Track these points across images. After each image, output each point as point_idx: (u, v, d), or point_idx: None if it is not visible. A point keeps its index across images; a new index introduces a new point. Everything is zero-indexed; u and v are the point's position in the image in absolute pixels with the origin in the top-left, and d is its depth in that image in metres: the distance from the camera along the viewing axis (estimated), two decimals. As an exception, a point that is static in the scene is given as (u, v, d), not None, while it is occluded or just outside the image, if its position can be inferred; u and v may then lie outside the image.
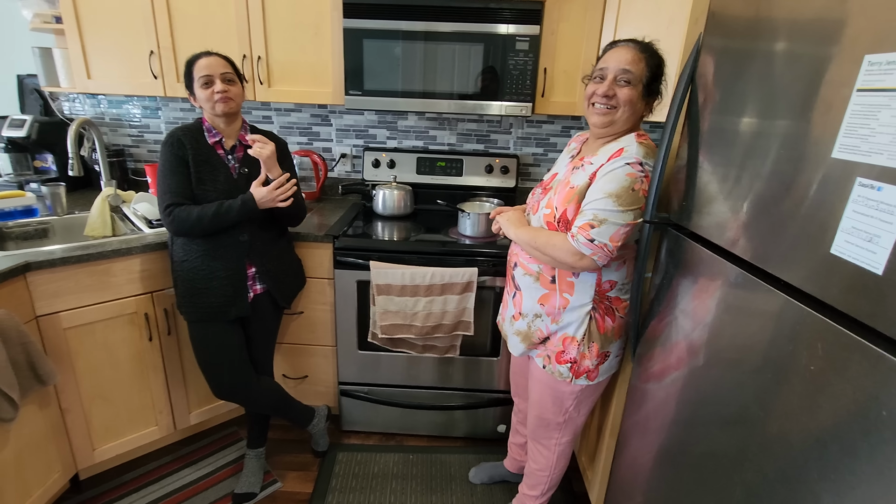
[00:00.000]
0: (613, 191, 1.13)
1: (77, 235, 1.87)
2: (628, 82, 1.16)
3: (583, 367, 1.29)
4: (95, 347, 1.62)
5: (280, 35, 1.91)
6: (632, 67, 1.15)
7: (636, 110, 1.19)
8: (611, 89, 1.17)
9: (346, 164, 2.43)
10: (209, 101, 1.44)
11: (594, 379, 1.32)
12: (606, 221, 1.13)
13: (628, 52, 1.16)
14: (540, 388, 1.40)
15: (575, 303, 1.26)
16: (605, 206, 1.13)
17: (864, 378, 0.62)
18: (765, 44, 0.85)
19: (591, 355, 1.28)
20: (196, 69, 1.44)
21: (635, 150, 1.16)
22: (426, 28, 1.81)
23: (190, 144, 1.46)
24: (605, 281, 1.25)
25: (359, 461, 1.93)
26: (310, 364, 2.02)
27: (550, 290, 1.29)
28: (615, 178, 1.13)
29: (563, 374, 1.31)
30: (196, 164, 1.46)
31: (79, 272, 1.53)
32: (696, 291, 1.04)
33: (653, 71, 1.16)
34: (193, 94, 1.48)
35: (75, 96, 2.37)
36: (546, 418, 1.42)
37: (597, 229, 1.13)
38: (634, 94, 1.17)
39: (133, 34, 1.91)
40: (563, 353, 1.30)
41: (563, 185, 1.25)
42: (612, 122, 1.20)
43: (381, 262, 1.77)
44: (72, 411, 1.61)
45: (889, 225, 0.59)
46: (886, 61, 0.61)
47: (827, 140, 0.70)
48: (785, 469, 0.76)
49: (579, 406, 1.39)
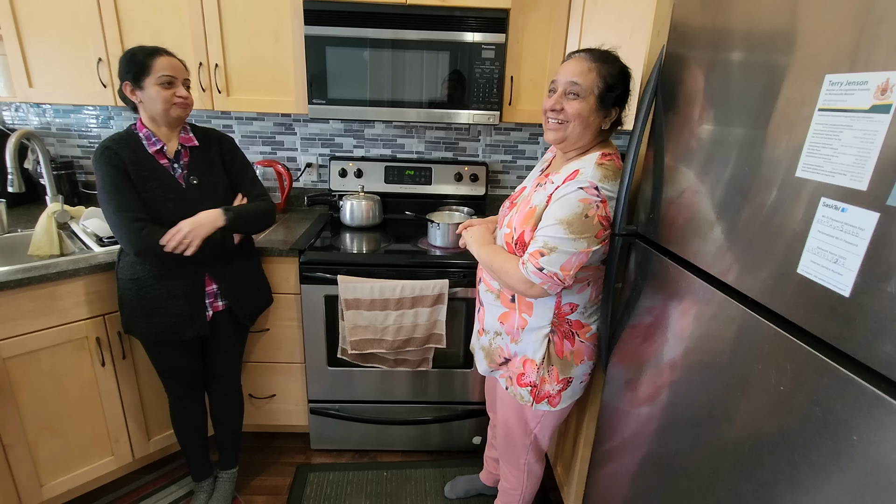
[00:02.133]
0: (564, 217, 1.07)
1: (21, 256, 1.75)
2: (577, 95, 1.10)
3: (543, 391, 1.26)
4: (41, 377, 1.51)
5: (238, 42, 1.84)
6: (579, 80, 1.10)
7: (589, 123, 1.13)
8: (558, 103, 1.13)
9: (311, 174, 2.36)
10: (166, 102, 1.32)
11: (556, 405, 1.28)
12: (557, 250, 1.07)
13: (578, 64, 1.11)
14: (505, 409, 1.38)
15: (533, 324, 1.22)
16: (556, 234, 1.07)
17: (833, 401, 0.62)
18: (726, 56, 0.85)
19: (552, 380, 1.25)
20: (157, 65, 1.30)
21: (591, 172, 1.10)
22: (393, 36, 1.77)
23: (129, 159, 1.31)
24: (564, 303, 1.21)
25: (331, 481, 1.87)
26: (277, 383, 1.94)
27: (510, 309, 1.26)
28: (567, 203, 1.08)
29: (524, 398, 1.29)
30: (141, 181, 1.32)
31: (20, 297, 1.42)
32: (665, 305, 1.03)
33: (607, 80, 1.10)
34: (140, 89, 1.31)
35: (18, 105, 2.22)
36: (512, 438, 1.40)
37: (546, 257, 1.08)
38: (585, 108, 1.11)
39: (79, 41, 1.80)
40: (524, 375, 1.27)
41: (525, 204, 1.21)
42: (564, 137, 1.15)
43: (350, 276, 1.72)
44: (15, 447, 1.49)
45: (854, 247, 0.59)
46: (847, 81, 0.60)
47: (790, 158, 0.69)
48: (757, 488, 0.75)
49: (542, 430, 1.36)
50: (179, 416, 1.62)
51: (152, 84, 1.31)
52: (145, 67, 1.30)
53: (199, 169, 1.42)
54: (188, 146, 1.42)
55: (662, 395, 1.04)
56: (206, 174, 1.42)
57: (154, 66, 1.30)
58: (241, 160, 1.53)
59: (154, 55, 1.31)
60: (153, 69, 1.30)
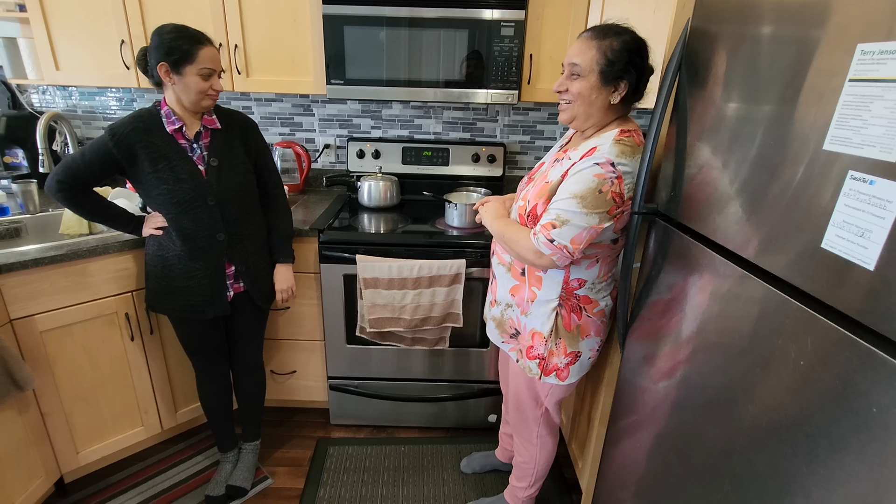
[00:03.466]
0: (578, 192, 1.08)
1: (52, 234, 1.81)
2: (577, 75, 1.12)
3: (551, 364, 1.28)
4: (75, 349, 1.58)
5: (257, 23, 1.85)
6: (577, 59, 1.11)
7: (593, 101, 1.13)
8: (562, 85, 1.15)
9: (329, 155, 2.38)
10: (200, 93, 1.32)
11: (565, 379, 1.30)
12: (568, 223, 1.09)
13: (578, 44, 1.13)
14: (516, 381, 1.41)
15: (542, 297, 1.25)
16: (569, 207, 1.09)
17: (853, 374, 0.62)
18: (753, 29, 0.83)
19: (559, 352, 1.27)
20: (201, 56, 1.30)
21: (608, 149, 1.10)
22: (410, 14, 1.76)
23: (141, 140, 1.32)
24: (573, 279, 1.22)
25: (350, 455, 1.92)
26: (298, 359, 2.00)
27: (520, 282, 1.28)
28: (582, 178, 1.09)
29: (533, 371, 1.31)
30: (152, 163, 1.34)
31: (54, 273, 1.48)
32: (685, 283, 1.03)
33: (607, 56, 1.09)
34: (177, 74, 1.30)
35: (45, 88, 2.28)
36: (524, 411, 1.43)
37: (558, 230, 1.09)
38: (586, 86, 1.11)
39: (103, 23, 1.83)
40: (532, 348, 1.30)
41: (542, 178, 1.22)
42: (573, 116, 1.17)
43: (368, 256, 1.74)
44: (53, 415, 1.57)
45: (881, 220, 0.58)
46: (879, 50, 0.59)
47: (818, 131, 0.68)
48: (774, 461, 0.76)
49: (550, 402, 1.39)
50: (205, 390, 1.68)
51: (192, 73, 1.30)
52: (189, 56, 1.29)
53: (220, 151, 1.43)
54: (210, 128, 1.42)
55: (680, 372, 1.04)
56: (226, 156, 1.43)
57: (198, 57, 1.29)
58: (262, 146, 1.54)
59: (199, 44, 1.30)
60: (197, 59, 1.29)
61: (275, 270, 1.61)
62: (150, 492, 1.72)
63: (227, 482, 1.72)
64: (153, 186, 1.36)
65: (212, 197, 1.40)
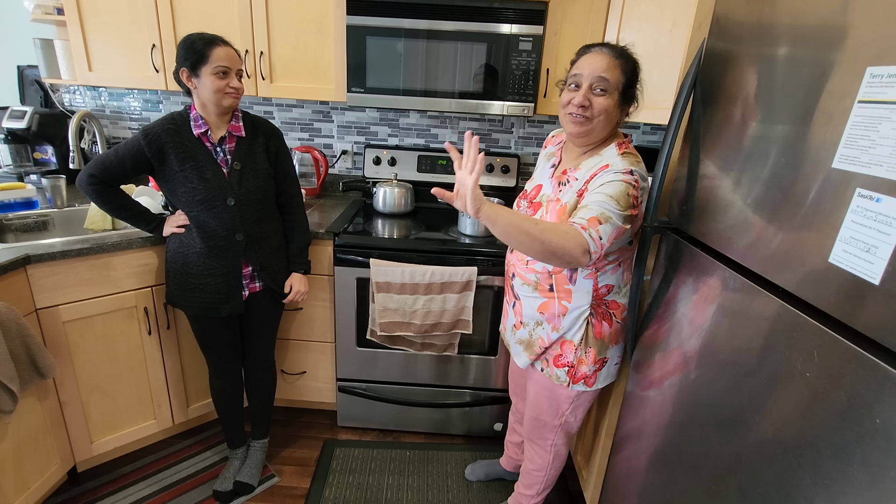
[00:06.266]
0: (614, 194, 1.10)
1: (77, 228, 1.87)
2: (605, 91, 1.12)
3: (580, 372, 1.29)
4: (95, 341, 1.62)
5: (283, 31, 1.91)
6: (608, 75, 1.11)
7: (611, 119, 1.17)
8: (586, 99, 1.13)
9: (346, 161, 2.43)
10: (219, 92, 1.37)
11: (592, 385, 1.32)
12: (610, 220, 1.08)
13: (603, 59, 1.12)
14: (537, 390, 1.40)
15: (574, 308, 1.25)
16: (610, 207, 1.08)
17: (858, 386, 0.63)
18: (768, 50, 0.86)
19: (589, 361, 1.28)
20: (214, 55, 1.35)
21: (619, 162, 1.15)
22: (429, 27, 1.81)
23: (171, 141, 1.39)
24: (601, 286, 1.24)
25: (356, 457, 1.94)
26: (308, 360, 2.03)
27: (549, 298, 1.28)
28: (613, 184, 1.11)
29: (561, 378, 1.32)
30: (180, 162, 1.40)
31: (79, 265, 1.53)
32: (695, 296, 1.05)
33: (628, 77, 1.14)
34: (196, 77, 1.37)
35: (75, 88, 2.36)
36: (542, 420, 1.43)
37: (603, 226, 1.07)
38: (611, 103, 1.13)
39: (135, 27, 1.90)
40: (561, 356, 1.30)
41: (554, 203, 1.23)
42: (588, 131, 1.17)
43: (381, 260, 1.77)
44: (70, 404, 1.62)
45: (887, 236, 0.60)
46: (888, 74, 0.61)
47: (828, 149, 0.71)
48: (779, 473, 0.77)
49: (575, 410, 1.39)
50: (217, 387, 1.71)
51: (208, 73, 1.36)
52: (203, 57, 1.35)
53: (243, 155, 1.48)
54: (235, 135, 1.47)
55: (687, 383, 1.06)
56: (249, 161, 1.48)
57: (212, 57, 1.35)
58: (284, 155, 1.59)
59: (212, 45, 1.36)
60: (210, 59, 1.35)
61: (290, 276, 1.66)
62: (159, 484, 1.75)
63: (235, 478, 1.75)
64: (179, 184, 1.42)
65: (232, 198, 1.44)
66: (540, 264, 1.27)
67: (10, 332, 1.33)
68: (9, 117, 2.08)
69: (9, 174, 2.12)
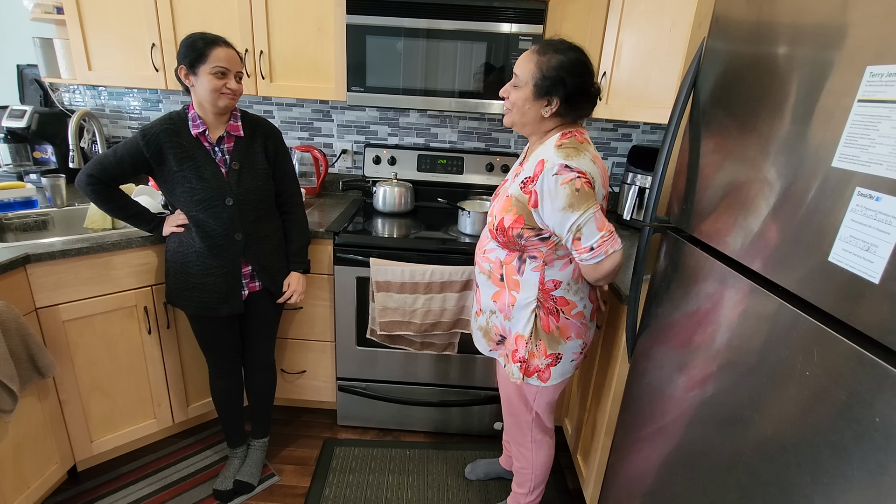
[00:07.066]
0: (563, 204, 1.12)
1: (77, 228, 1.87)
2: (515, 85, 1.19)
3: (532, 366, 1.31)
4: (94, 340, 1.62)
5: (283, 30, 1.91)
6: (518, 70, 1.17)
7: (527, 111, 1.18)
8: (505, 91, 1.22)
9: (346, 160, 2.43)
10: (215, 91, 1.37)
11: (546, 381, 1.32)
12: (582, 227, 1.13)
13: (524, 56, 1.19)
14: (505, 386, 1.44)
15: (521, 300, 1.27)
16: (569, 221, 1.13)
17: (858, 385, 0.63)
18: (768, 49, 0.86)
19: (540, 354, 1.29)
20: (213, 55, 1.35)
21: (553, 156, 1.13)
22: (429, 26, 1.81)
23: (170, 141, 1.39)
24: (548, 280, 1.25)
25: (356, 456, 1.94)
26: (308, 359, 2.03)
27: (500, 288, 1.31)
28: (556, 194, 1.12)
29: (515, 374, 1.33)
30: (179, 162, 1.40)
31: (79, 265, 1.53)
32: (694, 294, 1.05)
33: (542, 71, 1.13)
34: (194, 75, 1.37)
35: (75, 87, 2.36)
36: (516, 416, 1.45)
37: (584, 238, 1.13)
38: (521, 96, 1.17)
39: (135, 26, 1.90)
40: (516, 351, 1.32)
41: (503, 195, 1.26)
42: (512, 122, 1.23)
43: (381, 259, 1.78)
44: (70, 403, 1.62)
45: (886, 235, 0.60)
46: (888, 73, 0.61)
47: (827, 148, 0.71)
48: (778, 471, 0.77)
49: (539, 406, 1.40)
50: (217, 386, 1.71)
51: (206, 73, 1.35)
52: (202, 56, 1.35)
53: (242, 155, 1.48)
54: (233, 134, 1.47)
55: (687, 382, 1.06)
56: (247, 160, 1.48)
57: (211, 56, 1.35)
58: (283, 155, 1.58)
59: (213, 45, 1.36)
60: (209, 58, 1.35)
61: (288, 275, 1.66)
62: (159, 483, 1.75)
63: (235, 477, 1.75)
64: (177, 184, 1.42)
65: (231, 198, 1.44)
66: (493, 254, 1.30)
67: (9, 331, 1.33)
68: (8, 116, 2.08)
69: (8, 173, 2.12)
